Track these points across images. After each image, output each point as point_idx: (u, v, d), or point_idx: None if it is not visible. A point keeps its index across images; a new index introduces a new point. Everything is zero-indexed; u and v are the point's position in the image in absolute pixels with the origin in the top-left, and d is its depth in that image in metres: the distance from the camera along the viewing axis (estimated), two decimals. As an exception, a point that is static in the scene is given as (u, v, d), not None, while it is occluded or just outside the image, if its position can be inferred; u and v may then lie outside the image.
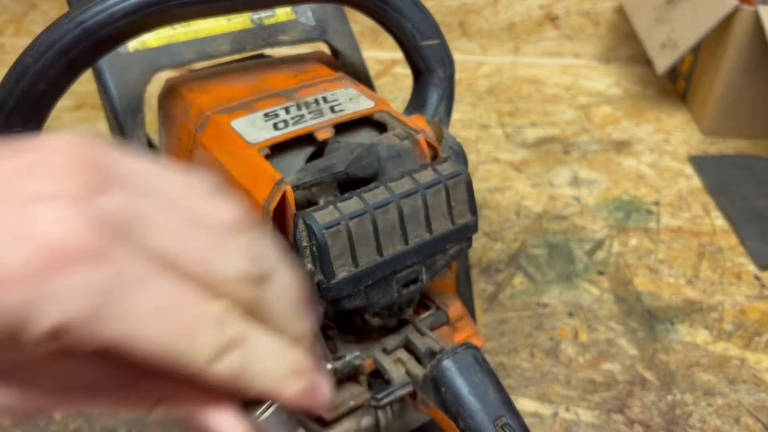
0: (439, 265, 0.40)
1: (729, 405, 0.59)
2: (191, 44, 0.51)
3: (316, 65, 0.51)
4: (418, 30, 0.49)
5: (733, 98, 0.95)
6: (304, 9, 0.54)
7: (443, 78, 0.52)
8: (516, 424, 0.36)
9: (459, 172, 0.39)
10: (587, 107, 1.05)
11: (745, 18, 0.88)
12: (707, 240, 0.78)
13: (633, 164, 0.92)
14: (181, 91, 0.48)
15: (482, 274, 0.72)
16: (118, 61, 0.49)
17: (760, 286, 0.72)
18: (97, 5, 0.39)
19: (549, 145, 0.95)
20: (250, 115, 0.43)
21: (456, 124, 1.00)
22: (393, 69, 1.14)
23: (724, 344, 0.65)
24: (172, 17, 0.42)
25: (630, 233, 0.79)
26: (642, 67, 1.16)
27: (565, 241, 0.78)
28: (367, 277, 0.37)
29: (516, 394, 0.59)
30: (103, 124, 0.96)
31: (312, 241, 0.35)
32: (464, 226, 0.40)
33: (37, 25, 1.21)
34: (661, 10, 1.03)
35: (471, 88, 1.10)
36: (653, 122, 1.02)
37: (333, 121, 0.42)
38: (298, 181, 0.38)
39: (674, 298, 0.70)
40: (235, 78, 0.49)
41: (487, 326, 0.66)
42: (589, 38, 1.20)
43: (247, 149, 0.39)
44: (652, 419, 0.57)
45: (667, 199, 0.85)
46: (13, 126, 0.42)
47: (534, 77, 1.14)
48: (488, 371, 0.38)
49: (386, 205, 0.37)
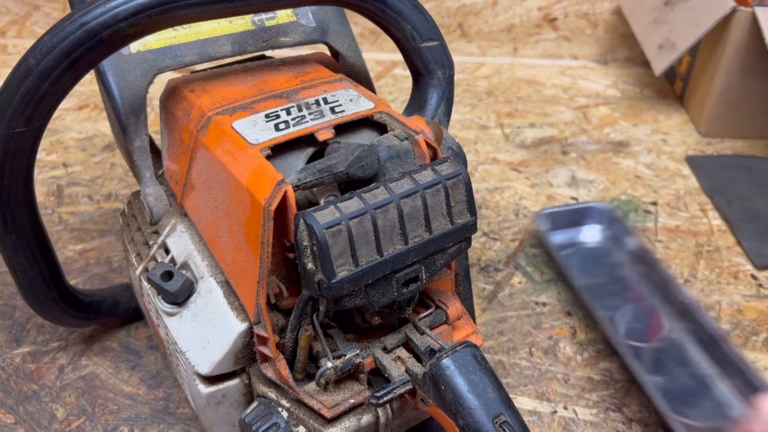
0: (438, 264, 0.41)
1: (726, 403, 0.59)
2: (193, 46, 0.51)
3: (316, 67, 0.51)
4: (418, 32, 0.50)
5: (731, 99, 0.95)
6: (305, 11, 0.55)
7: (443, 79, 0.52)
8: (515, 422, 0.37)
9: (458, 173, 0.40)
10: (585, 108, 1.06)
11: (742, 19, 0.89)
12: (705, 240, 0.79)
13: (631, 164, 0.92)
14: (183, 92, 0.48)
15: (481, 273, 0.73)
16: (120, 62, 0.49)
17: (757, 285, 0.72)
18: (99, 7, 0.40)
19: (547, 146, 0.96)
20: (252, 116, 0.43)
21: (455, 125, 1.00)
22: (393, 70, 1.15)
23: (721, 343, 0.65)
24: (174, 19, 0.42)
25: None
26: (640, 68, 1.17)
27: (563, 241, 0.78)
28: (367, 277, 0.37)
29: (515, 392, 0.60)
30: (106, 125, 0.97)
31: (313, 240, 0.36)
32: (463, 225, 0.40)
33: (40, 27, 1.22)
34: (659, 11, 1.03)
35: (470, 89, 1.11)
36: (651, 123, 1.02)
37: (333, 122, 0.42)
38: (299, 182, 0.38)
39: (672, 297, 0.71)
40: (236, 79, 0.49)
41: (486, 325, 0.67)
42: (587, 39, 1.20)
43: (248, 150, 0.40)
44: (650, 417, 0.58)
45: (665, 200, 0.85)
46: (16, 127, 0.43)
47: (533, 78, 1.14)
48: (487, 370, 0.39)
49: (386, 205, 0.37)
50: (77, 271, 0.71)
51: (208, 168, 0.43)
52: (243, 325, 0.42)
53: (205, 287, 0.45)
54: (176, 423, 0.56)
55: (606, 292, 0.69)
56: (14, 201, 0.46)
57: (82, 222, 0.78)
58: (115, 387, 0.59)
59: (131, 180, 0.84)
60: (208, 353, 0.43)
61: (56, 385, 0.59)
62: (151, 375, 0.60)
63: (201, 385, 0.44)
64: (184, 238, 0.48)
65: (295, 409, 0.42)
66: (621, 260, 0.73)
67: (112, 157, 0.89)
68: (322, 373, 0.40)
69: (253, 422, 0.41)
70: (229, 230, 0.42)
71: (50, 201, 0.81)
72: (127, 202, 0.57)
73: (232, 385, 0.44)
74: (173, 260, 0.48)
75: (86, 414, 0.57)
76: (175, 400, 0.58)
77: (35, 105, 0.42)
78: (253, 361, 0.44)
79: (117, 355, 0.62)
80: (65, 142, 0.92)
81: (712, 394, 0.58)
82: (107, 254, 0.73)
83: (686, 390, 0.58)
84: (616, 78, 1.14)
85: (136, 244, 0.53)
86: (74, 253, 0.73)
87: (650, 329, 0.64)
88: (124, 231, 0.56)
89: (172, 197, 0.51)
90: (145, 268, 0.50)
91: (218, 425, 0.46)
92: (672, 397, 0.57)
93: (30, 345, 0.63)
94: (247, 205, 0.39)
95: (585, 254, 0.75)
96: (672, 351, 0.62)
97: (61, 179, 0.85)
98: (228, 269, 0.44)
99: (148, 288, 0.49)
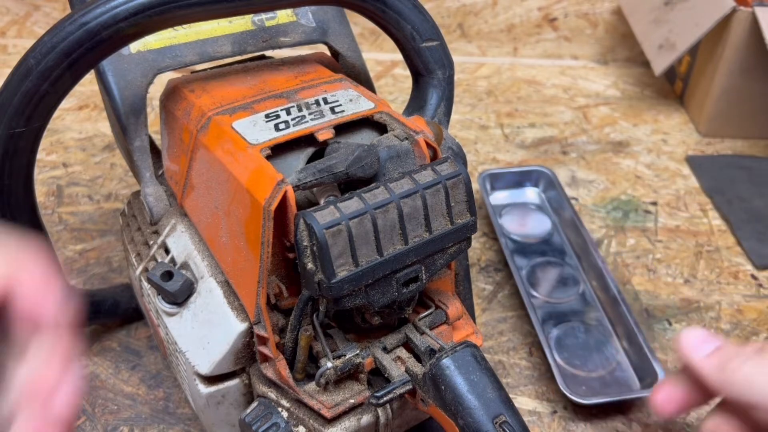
0: (438, 264, 0.41)
1: (726, 403, 0.60)
2: (193, 46, 0.51)
3: (316, 67, 0.51)
4: (418, 32, 0.50)
5: (731, 99, 0.95)
6: (305, 11, 0.55)
7: (442, 79, 0.52)
8: (515, 422, 0.37)
9: (458, 173, 0.40)
10: (585, 108, 1.06)
11: (742, 19, 0.89)
12: (705, 240, 0.79)
13: (631, 164, 0.92)
14: (182, 92, 0.48)
15: (481, 273, 0.73)
16: (120, 62, 0.49)
17: (757, 285, 0.72)
18: (99, 7, 0.40)
19: (547, 146, 0.96)
20: (252, 116, 0.43)
21: (455, 125, 1.00)
22: (393, 70, 1.15)
23: (721, 343, 0.65)
24: (174, 19, 0.42)
25: (628, 233, 0.79)
26: (640, 68, 1.17)
27: (563, 241, 0.78)
28: (367, 277, 0.37)
29: (514, 392, 0.60)
30: (106, 125, 0.97)
31: (313, 240, 0.36)
32: (463, 225, 0.40)
33: (40, 27, 1.21)
34: (659, 11, 1.03)
35: (470, 89, 1.11)
36: (651, 123, 1.02)
37: (333, 122, 0.43)
38: (298, 182, 0.38)
39: (672, 297, 0.71)
40: (236, 79, 0.49)
41: (486, 325, 0.67)
42: (587, 40, 1.20)
43: (248, 150, 0.40)
44: (650, 418, 0.58)
45: (665, 199, 0.85)
46: (16, 127, 0.43)
47: (533, 78, 1.14)
48: (487, 370, 0.39)
49: (386, 205, 0.37)
50: (77, 271, 0.71)
51: (208, 168, 0.43)
52: (243, 325, 0.42)
53: (205, 287, 0.45)
54: (176, 423, 0.56)
55: (532, 250, 0.76)
56: (14, 201, 0.46)
57: (82, 222, 0.78)
58: (115, 387, 0.59)
59: (131, 180, 0.84)
60: (208, 353, 0.43)
61: (56, 385, 0.59)
62: (151, 375, 0.60)
63: (201, 385, 0.44)
64: (184, 238, 0.48)
65: (295, 409, 0.42)
66: (555, 221, 0.79)
67: (112, 157, 0.89)
68: (322, 373, 0.40)
69: (253, 422, 0.41)
70: (229, 230, 0.42)
71: (50, 201, 0.81)
72: (127, 202, 0.57)
73: (232, 385, 0.45)
74: (173, 260, 0.48)
75: (86, 414, 0.57)
76: (175, 400, 0.58)
77: (35, 105, 0.42)
78: (253, 361, 0.44)
79: (117, 355, 0.62)
80: (65, 142, 0.92)
81: (604, 350, 0.64)
82: (107, 254, 0.73)
83: (580, 345, 0.65)
84: (616, 78, 1.15)
85: (136, 244, 0.53)
86: (74, 253, 0.73)
87: (564, 288, 0.71)
88: (124, 231, 0.56)
89: (172, 197, 0.51)
90: (145, 268, 0.50)
91: (218, 425, 0.46)
92: (564, 349, 0.64)
93: (30, 345, 0.63)
94: (247, 205, 0.39)
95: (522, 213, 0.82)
96: (577, 309, 0.69)
97: (61, 179, 0.85)
98: (228, 269, 0.44)
99: (148, 288, 0.49)
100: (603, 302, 0.69)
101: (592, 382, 0.60)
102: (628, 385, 0.60)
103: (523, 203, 0.83)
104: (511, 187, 0.84)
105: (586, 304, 0.69)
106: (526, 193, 0.84)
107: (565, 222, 0.78)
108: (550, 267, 0.74)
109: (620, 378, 0.61)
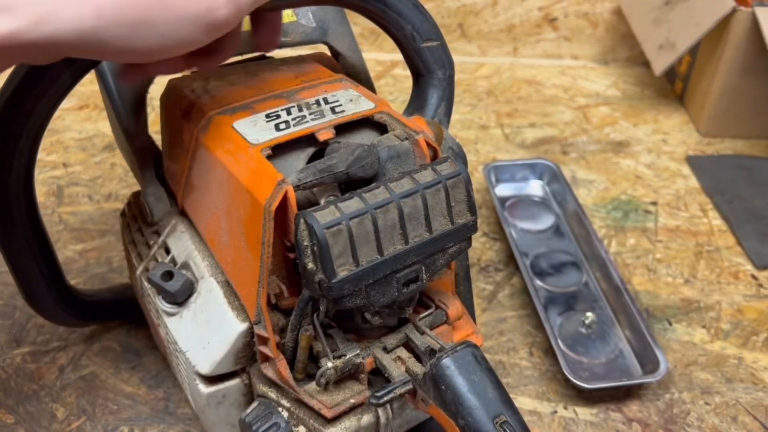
0: (438, 264, 0.41)
1: (726, 403, 0.60)
2: (193, 46, 0.51)
3: (316, 67, 0.51)
4: (418, 32, 0.50)
5: (731, 99, 0.95)
6: (305, 11, 0.55)
7: (443, 79, 0.52)
8: (515, 422, 0.37)
9: (458, 172, 0.40)
10: (585, 108, 1.06)
11: (742, 19, 0.89)
12: (705, 240, 0.79)
13: (631, 164, 0.92)
14: (182, 92, 0.48)
15: (481, 273, 0.73)
16: (120, 62, 0.49)
17: (758, 285, 0.72)
18: (100, 7, 0.40)
19: (548, 146, 0.96)
20: (252, 116, 0.43)
21: (455, 125, 1.00)
22: (393, 70, 1.15)
23: (721, 343, 0.65)
24: (174, 19, 0.42)
25: (628, 233, 0.79)
26: (640, 68, 1.17)
27: (563, 241, 0.78)
28: (367, 277, 0.37)
29: (515, 392, 0.60)
30: (106, 125, 0.97)
31: (313, 240, 0.36)
32: (464, 225, 0.40)
33: (38, 26, 1.21)
34: (659, 11, 1.03)
35: (470, 89, 1.11)
36: (651, 123, 1.02)
37: (334, 122, 0.42)
38: (299, 182, 0.38)
39: (672, 297, 0.71)
40: (236, 79, 0.49)
41: (486, 325, 0.67)
42: (587, 39, 1.20)
43: (248, 150, 0.40)
44: (650, 418, 0.58)
45: (665, 199, 0.85)
46: (15, 127, 0.43)
47: (533, 78, 1.14)
48: (487, 369, 0.39)
49: (386, 205, 0.37)
50: (77, 271, 0.71)
51: (208, 168, 0.43)
52: (243, 325, 0.42)
53: (205, 287, 0.45)
54: (176, 423, 0.56)
55: (538, 242, 0.78)
56: (14, 201, 0.46)
57: (82, 222, 0.78)
58: (116, 387, 0.59)
59: (131, 180, 0.84)
60: (209, 353, 0.43)
61: (56, 385, 0.59)
62: (151, 375, 0.60)
63: (201, 385, 0.44)
64: (185, 238, 0.48)
65: (295, 409, 0.42)
66: (558, 214, 0.82)
67: (112, 157, 0.89)
68: (322, 373, 0.40)
69: (254, 422, 0.41)
70: (229, 230, 0.42)
71: (50, 201, 0.81)
72: (127, 203, 0.57)
73: (232, 385, 0.44)
74: (173, 260, 0.48)
75: (86, 414, 0.57)
76: (175, 400, 0.58)
77: (35, 105, 0.42)
78: (253, 361, 0.44)
79: (117, 355, 0.62)
80: (65, 142, 0.92)
81: (606, 338, 0.65)
82: (107, 254, 0.73)
83: (583, 333, 0.66)
84: (616, 78, 1.14)
85: (136, 245, 0.53)
86: (74, 253, 0.73)
87: (567, 278, 0.72)
88: (124, 231, 0.56)
89: (172, 197, 0.51)
90: (146, 268, 0.50)
91: (218, 425, 0.46)
92: (567, 336, 0.65)
93: (30, 345, 0.63)
94: (247, 205, 0.39)
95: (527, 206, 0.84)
96: (581, 298, 0.70)
97: (61, 179, 0.85)
98: (228, 269, 0.44)
99: (148, 288, 0.49)
100: (605, 291, 0.70)
101: (595, 368, 0.62)
102: (630, 372, 0.61)
103: (528, 195, 0.85)
104: (516, 180, 0.86)
105: (589, 293, 0.70)
106: (530, 186, 0.86)
107: (569, 214, 0.80)
108: (553, 256, 0.75)
109: (622, 365, 0.62)
